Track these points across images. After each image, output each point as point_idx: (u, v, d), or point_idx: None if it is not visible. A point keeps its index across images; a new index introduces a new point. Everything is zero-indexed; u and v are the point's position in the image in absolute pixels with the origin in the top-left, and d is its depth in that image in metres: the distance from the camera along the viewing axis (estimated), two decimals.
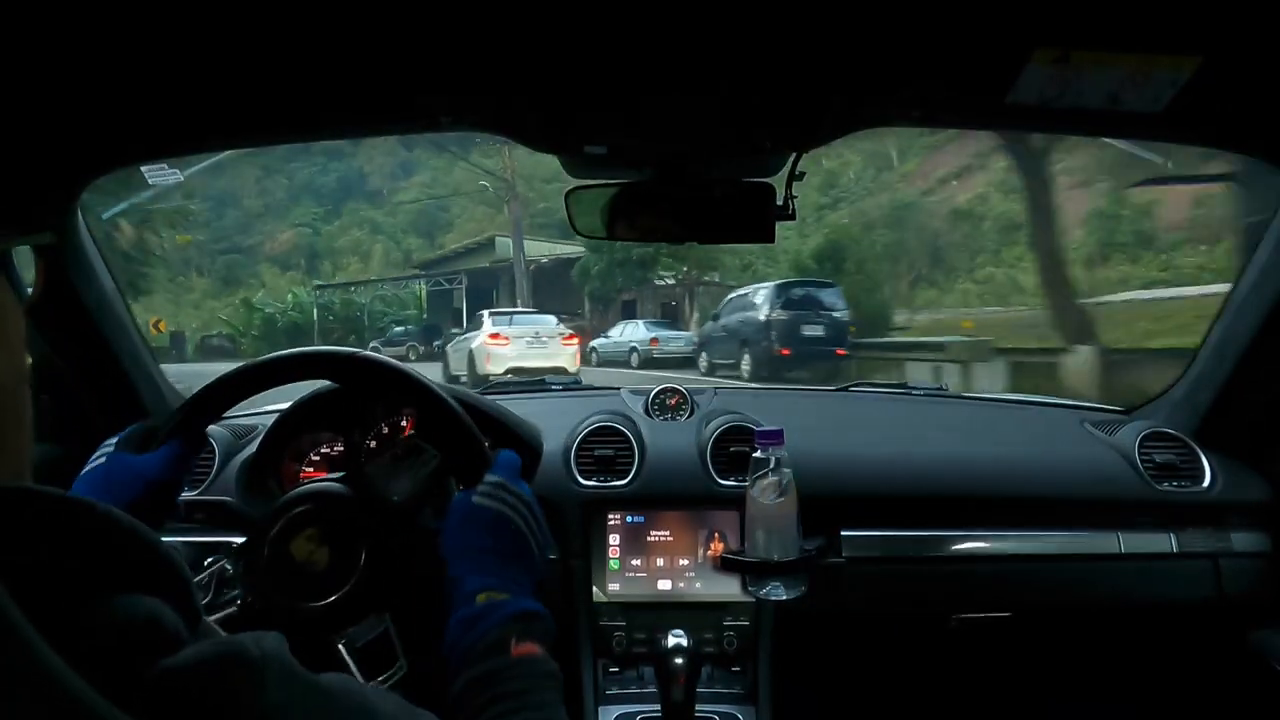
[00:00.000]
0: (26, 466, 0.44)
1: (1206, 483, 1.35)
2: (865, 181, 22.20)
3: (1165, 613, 1.37)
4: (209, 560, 0.87)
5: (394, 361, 0.93)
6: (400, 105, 0.95)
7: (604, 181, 1.09)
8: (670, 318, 17.47)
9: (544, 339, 10.76)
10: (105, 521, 0.38)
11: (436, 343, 17.93)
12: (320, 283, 28.14)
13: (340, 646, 0.81)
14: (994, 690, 1.54)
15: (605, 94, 0.90)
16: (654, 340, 14.20)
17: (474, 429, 0.87)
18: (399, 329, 22.16)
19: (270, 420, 1.31)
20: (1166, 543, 1.32)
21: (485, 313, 12.29)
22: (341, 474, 0.89)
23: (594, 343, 15.33)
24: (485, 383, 1.85)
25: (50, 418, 1.23)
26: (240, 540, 0.88)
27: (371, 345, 18.35)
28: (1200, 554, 1.32)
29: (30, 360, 0.45)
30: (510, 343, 10.56)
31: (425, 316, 23.81)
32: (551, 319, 11.95)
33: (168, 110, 0.92)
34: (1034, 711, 1.57)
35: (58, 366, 1.19)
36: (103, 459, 0.84)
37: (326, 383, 1.27)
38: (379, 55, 0.81)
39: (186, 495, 1.24)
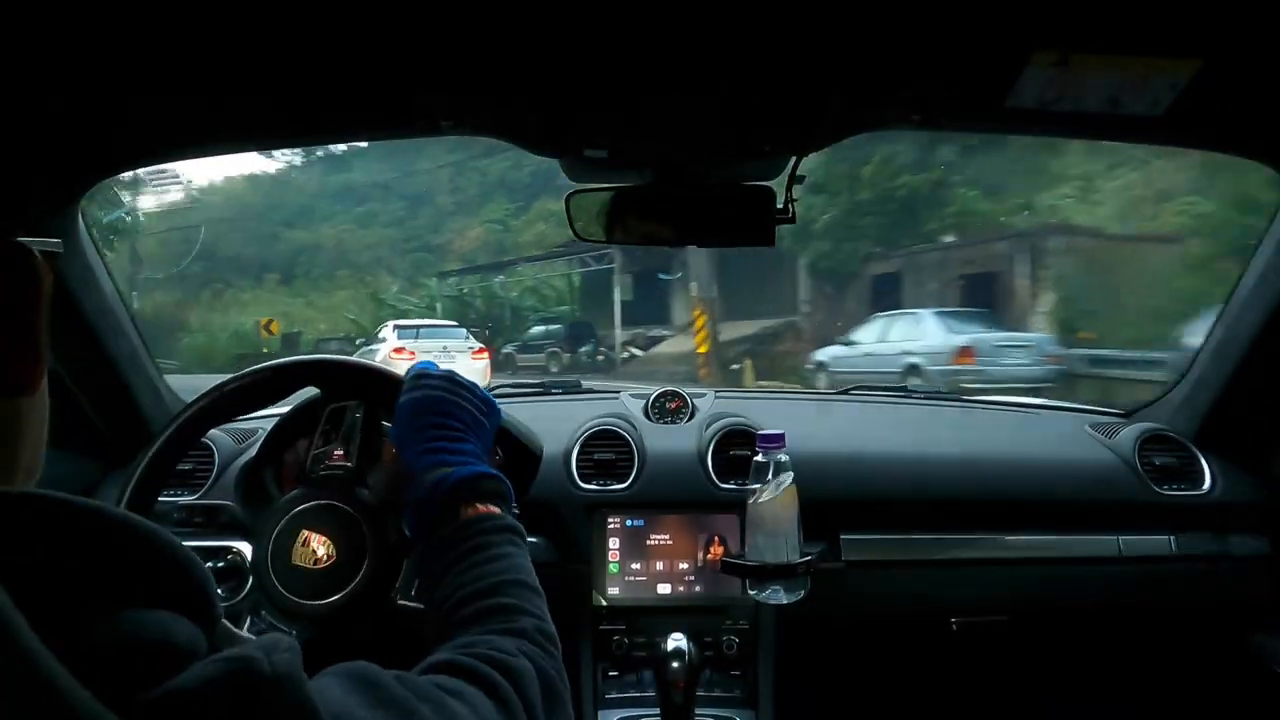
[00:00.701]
0: (34, 472, 0.44)
1: (1206, 485, 1.35)
2: None
3: (1165, 615, 1.37)
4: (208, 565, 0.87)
5: (300, 356, 0.93)
6: (401, 108, 0.95)
7: (604, 185, 1.09)
8: (982, 304, 10.07)
9: (452, 353, 10.73)
10: (119, 528, 0.37)
11: (586, 348, 14.51)
12: (445, 270, 23.51)
13: (399, 601, 0.82)
14: (994, 693, 1.54)
15: (605, 97, 0.90)
16: (965, 352, 8.05)
17: (376, 365, 0.89)
18: (539, 329, 16.95)
19: (269, 424, 1.31)
20: (1166, 545, 1.33)
21: (390, 324, 12.33)
22: (345, 477, 0.89)
23: (822, 354, 10.19)
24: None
25: (50, 423, 1.23)
26: (244, 551, 0.88)
27: (505, 351, 15.47)
28: (1200, 556, 1.32)
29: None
30: (415, 356, 9.71)
31: (577, 312, 18.56)
32: (461, 332, 11.98)
33: (167, 113, 0.92)
34: (1034, 714, 1.57)
35: (57, 371, 1.19)
36: None
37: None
38: (380, 58, 0.81)
39: (186, 499, 1.24)
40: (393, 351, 10.93)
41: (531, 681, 0.55)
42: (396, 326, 12.14)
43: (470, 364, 10.51)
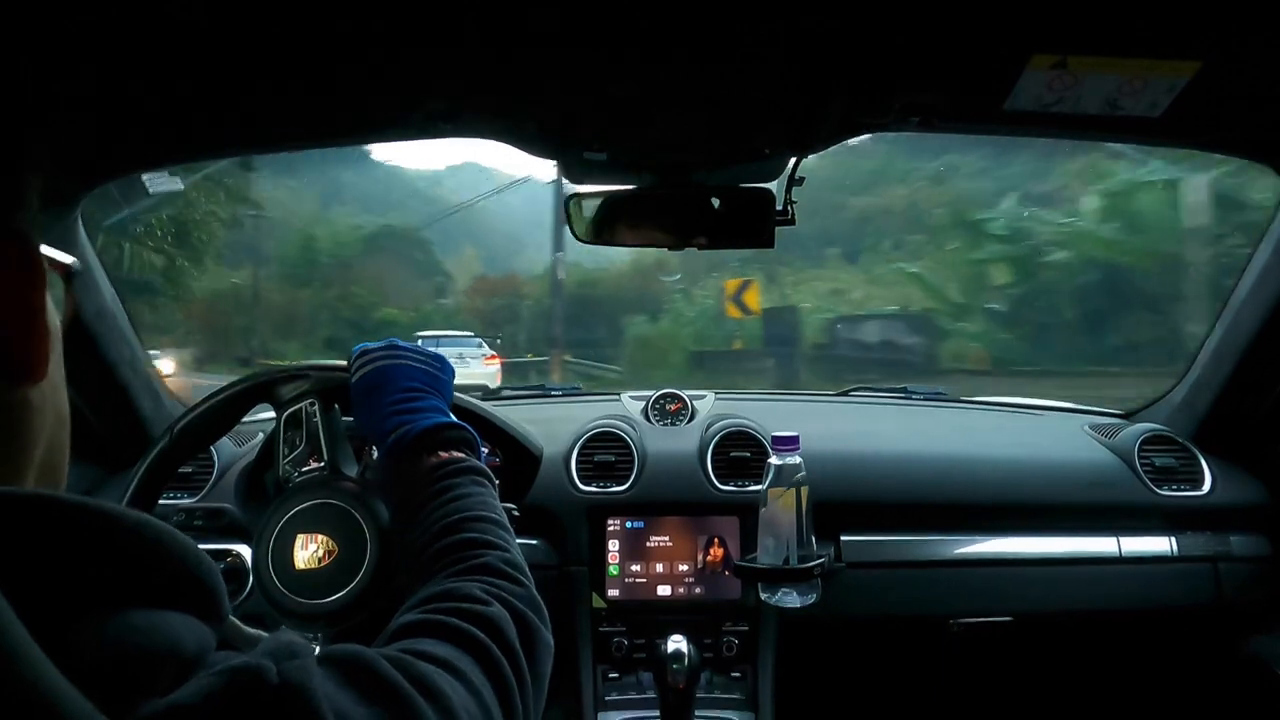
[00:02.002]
0: (56, 473, 0.43)
1: (1206, 486, 1.36)
2: None
3: (1165, 616, 1.37)
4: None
5: (241, 379, 0.93)
6: (401, 111, 0.95)
7: (604, 188, 1.09)
8: None
9: (466, 359, 11.43)
10: (130, 530, 0.36)
11: None
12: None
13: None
14: (995, 695, 1.54)
15: (605, 100, 0.90)
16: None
17: (319, 363, 0.89)
18: None
19: (270, 426, 1.31)
20: (1166, 546, 1.33)
21: (420, 335, 13.12)
22: (345, 479, 0.89)
23: None
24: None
25: None
26: (244, 554, 0.87)
27: None
28: (1200, 558, 1.33)
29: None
30: None
31: None
32: (476, 340, 13.15)
33: (167, 118, 0.92)
34: (1034, 715, 1.56)
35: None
36: None
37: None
38: (380, 62, 0.81)
39: (186, 502, 1.24)
40: None
41: (507, 626, 0.54)
42: (420, 336, 12.31)
43: (483, 369, 11.54)
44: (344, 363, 0.86)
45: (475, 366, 11.30)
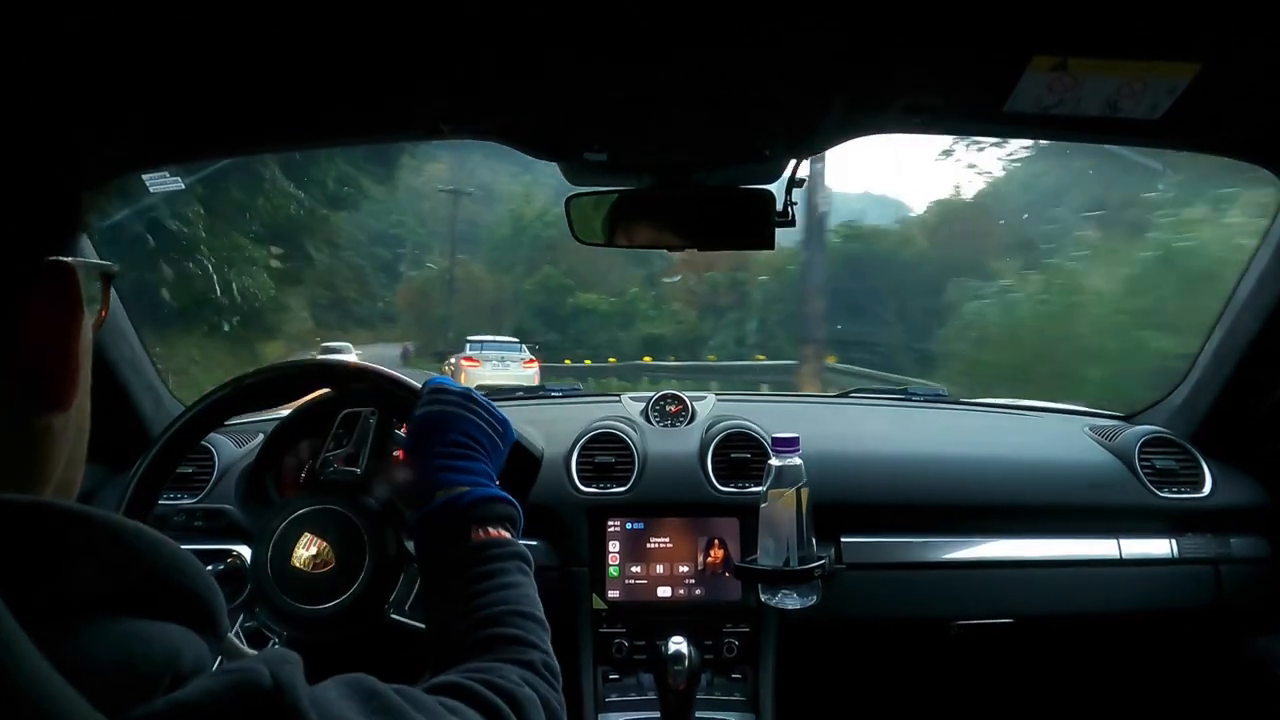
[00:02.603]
0: (71, 486, 0.44)
1: (1206, 489, 1.36)
2: None
3: (1165, 618, 1.37)
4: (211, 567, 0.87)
5: (313, 358, 0.94)
6: (401, 112, 0.96)
7: (604, 189, 1.09)
8: None
9: (508, 362, 12.99)
10: (131, 539, 0.36)
11: None
12: None
13: (392, 615, 0.82)
14: (996, 697, 1.54)
15: (605, 101, 0.90)
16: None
17: (393, 374, 0.88)
18: None
19: (270, 427, 1.31)
20: (1167, 548, 1.33)
21: (467, 339, 14.87)
22: (348, 482, 0.89)
23: None
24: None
25: None
26: (244, 555, 0.87)
27: None
28: (1200, 560, 1.32)
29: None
30: (481, 364, 12.69)
31: None
32: (518, 345, 14.34)
33: (167, 119, 0.92)
34: (1036, 718, 1.56)
35: None
36: None
37: (327, 390, 1.27)
38: (380, 62, 0.81)
39: (186, 503, 1.24)
40: (464, 359, 12.99)
41: (536, 710, 0.55)
42: (469, 341, 14.54)
43: (520, 371, 12.72)
44: (416, 384, 0.85)
45: (515, 369, 12.69)
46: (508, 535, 0.69)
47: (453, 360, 13.34)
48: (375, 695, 0.43)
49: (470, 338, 14.86)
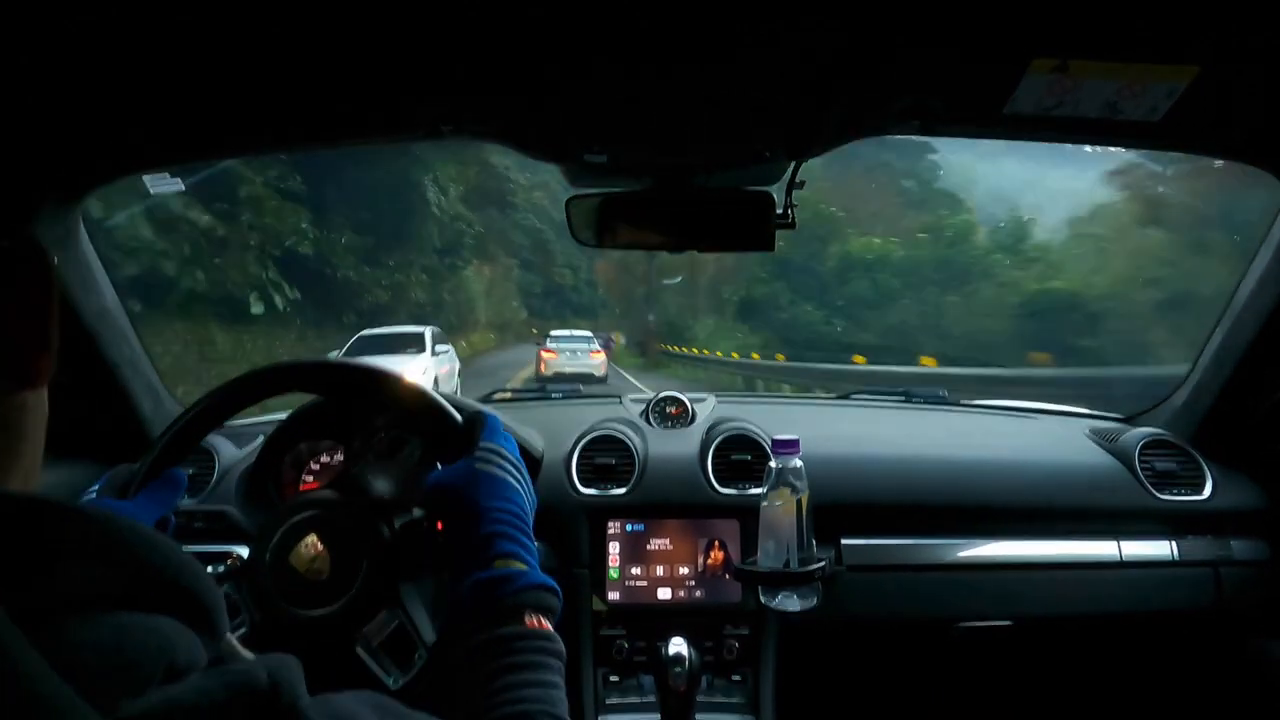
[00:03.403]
0: (32, 475, 0.44)
1: (1207, 491, 1.35)
2: None
3: (1166, 620, 1.37)
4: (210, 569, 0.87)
5: (360, 362, 0.93)
6: (402, 113, 0.96)
7: (604, 190, 1.09)
8: None
9: (579, 353, 15.10)
10: (125, 535, 0.37)
11: None
12: None
13: (358, 649, 0.81)
14: (996, 699, 1.53)
15: (605, 102, 0.90)
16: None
17: (444, 404, 0.87)
18: None
19: (270, 429, 1.31)
20: (1167, 550, 1.32)
21: (550, 333, 17.28)
22: (336, 482, 0.89)
23: None
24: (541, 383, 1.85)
25: (49, 428, 1.23)
26: (243, 555, 0.87)
27: None
28: (1200, 562, 1.32)
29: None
30: (557, 355, 14.99)
31: None
32: (589, 337, 16.47)
33: (167, 120, 0.92)
34: None
35: (56, 376, 1.19)
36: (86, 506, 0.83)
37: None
38: (380, 64, 0.81)
39: (185, 504, 1.24)
40: (544, 350, 15.27)
41: None
42: (550, 335, 16.79)
43: (589, 360, 14.95)
44: (457, 415, 0.86)
45: (584, 359, 14.94)
46: (550, 629, 0.68)
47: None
48: (385, 707, 0.43)
49: (553, 332, 17.32)
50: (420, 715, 0.46)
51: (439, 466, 0.86)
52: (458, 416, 0.86)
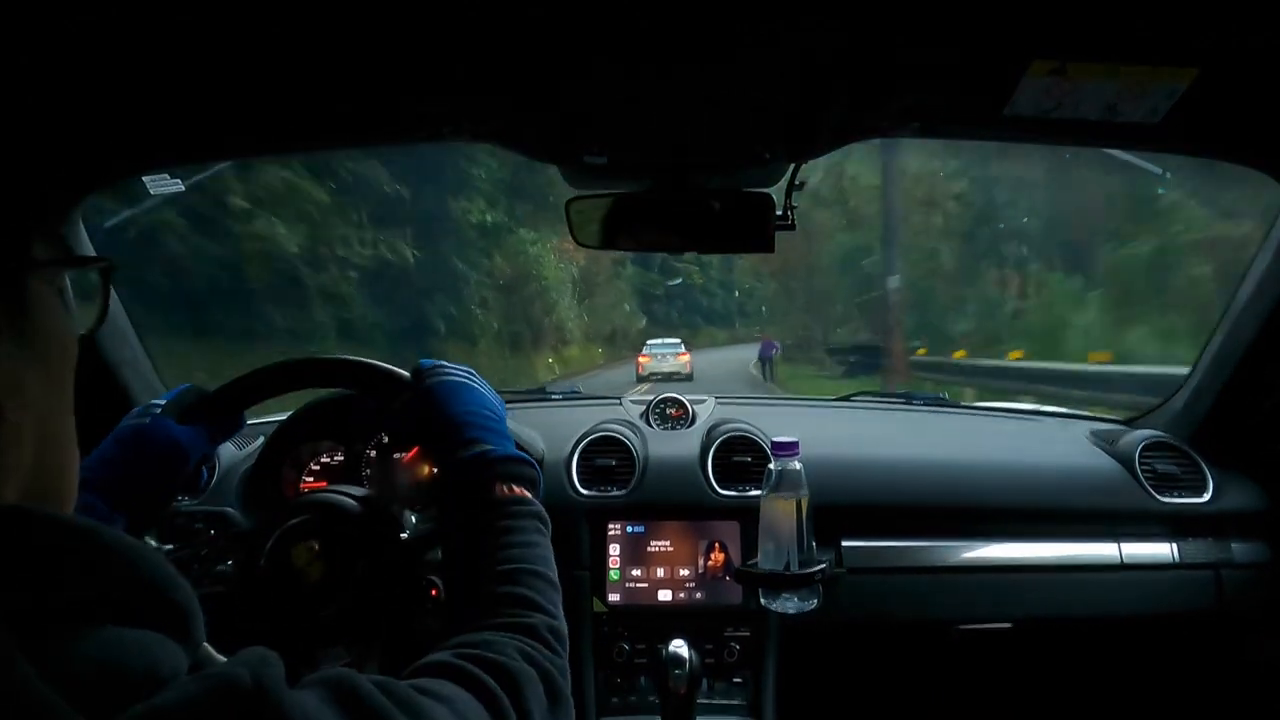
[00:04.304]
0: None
1: (1207, 493, 1.35)
2: None
3: (1167, 622, 1.37)
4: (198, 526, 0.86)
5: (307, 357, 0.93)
6: (400, 115, 0.96)
7: (604, 191, 1.10)
8: None
9: (667, 356, 17.79)
10: (107, 548, 0.37)
11: None
12: None
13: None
14: (997, 701, 1.53)
15: (604, 104, 0.90)
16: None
17: (373, 362, 0.88)
18: None
19: (271, 429, 1.31)
20: (1167, 553, 1.32)
21: (650, 342, 19.66)
22: (351, 488, 0.87)
23: None
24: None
25: None
26: (240, 555, 0.86)
27: None
28: (1201, 564, 1.32)
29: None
30: (651, 359, 17.78)
31: None
32: (678, 345, 18.76)
33: (167, 121, 0.92)
34: None
35: None
36: (146, 419, 0.82)
37: (325, 393, 1.27)
38: (379, 63, 0.81)
39: (186, 505, 1.24)
40: (641, 356, 18.04)
41: (533, 685, 0.55)
42: (650, 344, 19.17)
43: (675, 362, 17.57)
44: (402, 372, 0.86)
45: (671, 360, 17.55)
46: (528, 495, 0.71)
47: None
48: (355, 695, 0.42)
49: (649, 341, 19.76)
50: (393, 685, 0.45)
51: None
52: (398, 371, 0.87)
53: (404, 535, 0.83)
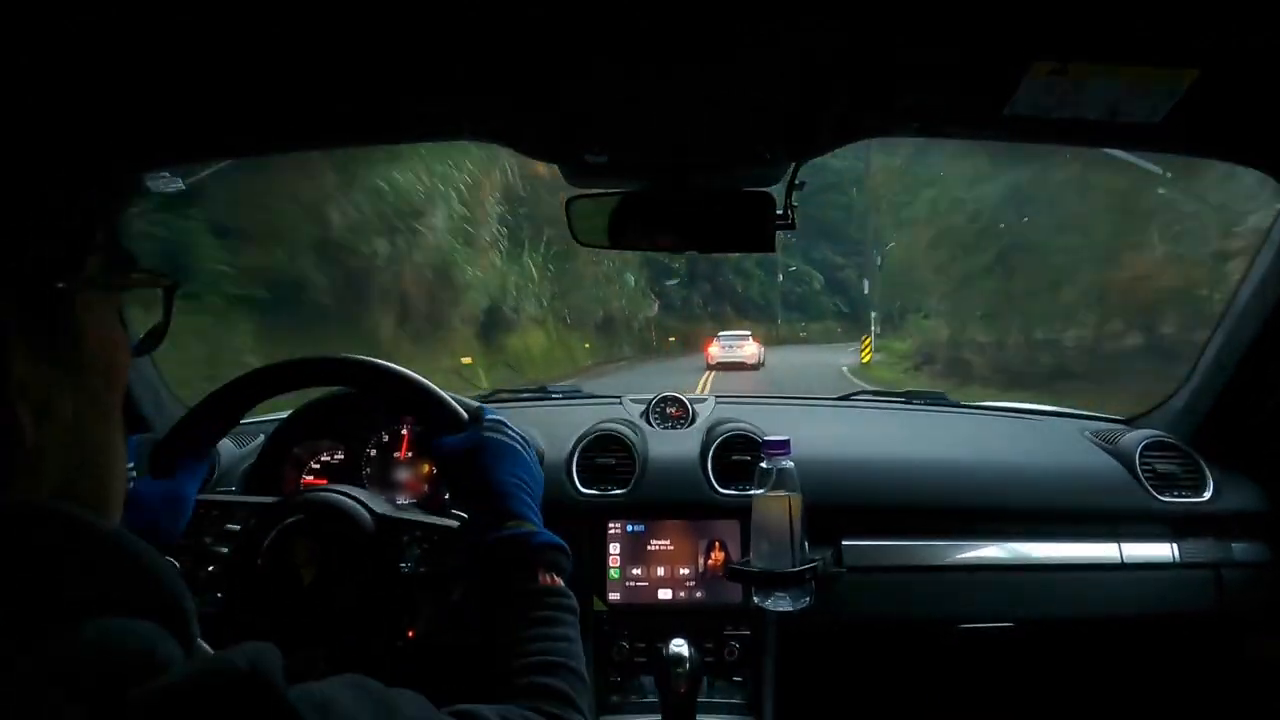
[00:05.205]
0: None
1: (1208, 493, 1.35)
2: None
3: (1167, 622, 1.37)
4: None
5: (379, 361, 0.93)
6: (400, 115, 0.96)
7: (604, 190, 1.10)
8: None
9: (735, 347, 18.37)
10: (111, 543, 0.38)
11: None
12: None
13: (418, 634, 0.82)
14: (998, 701, 1.53)
15: (605, 103, 0.90)
16: None
17: (442, 395, 0.89)
18: None
19: (271, 428, 1.31)
20: (1168, 552, 1.32)
21: (721, 333, 20.07)
22: (351, 488, 0.87)
23: None
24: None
25: None
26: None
27: None
28: (1201, 564, 1.32)
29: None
30: (722, 349, 18.37)
31: None
32: (746, 336, 19.25)
33: (167, 120, 0.92)
34: None
35: None
36: (129, 483, 0.82)
37: (326, 391, 1.27)
38: (379, 63, 0.81)
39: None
40: (707, 344, 19.00)
41: None
42: (721, 335, 19.58)
43: (739, 352, 18.09)
44: (459, 409, 0.87)
45: (738, 351, 18.22)
46: (564, 586, 0.73)
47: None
48: (368, 687, 0.44)
49: (721, 333, 20.03)
50: (401, 692, 0.46)
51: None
52: (460, 410, 0.87)
53: (404, 566, 0.82)
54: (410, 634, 0.81)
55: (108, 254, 0.44)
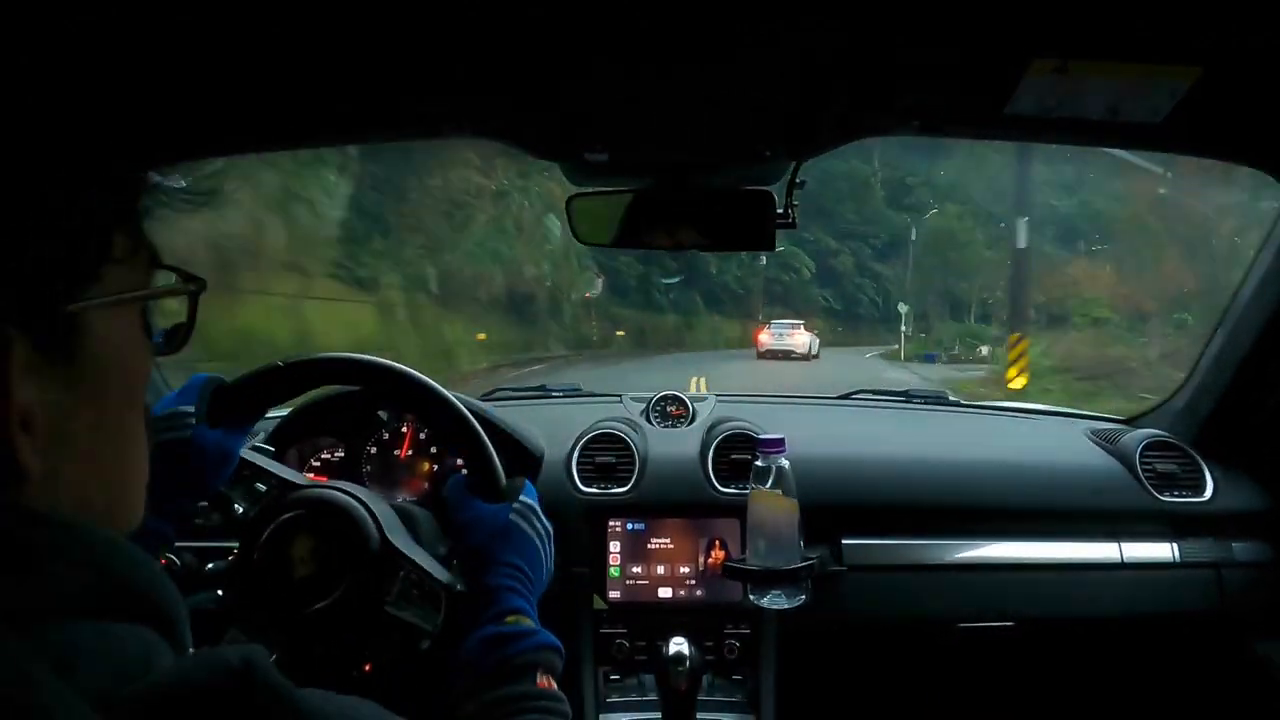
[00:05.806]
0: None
1: (1208, 493, 1.35)
2: None
3: (1167, 622, 1.37)
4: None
5: (418, 374, 0.93)
6: (401, 113, 0.96)
7: (605, 189, 1.10)
8: None
9: (785, 335, 18.37)
10: (103, 547, 0.38)
11: None
12: None
13: (388, 608, 0.80)
14: (998, 700, 1.53)
15: (606, 101, 0.91)
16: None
17: (488, 446, 0.89)
18: None
19: (272, 424, 1.32)
20: (1168, 552, 1.32)
21: (773, 320, 20.40)
22: (350, 485, 0.86)
23: None
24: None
25: None
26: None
27: None
28: (1202, 563, 1.32)
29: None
30: (772, 337, 18.42)
31: None
32: (791, 324, 19.38)
33: (165, 119, 0.92)
34: None
35: None
36: (186, 431, 0.80)
37: (327, 389, 1.27)
38: (379, 63, 0.81)
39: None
40: (757, 332, 19.28)
41: None
42: (772, 321, 19.95)
43: (788, 341, 18.22)
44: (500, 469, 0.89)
45: (786, 340, 18.20)
46: (558, 690, 0.73)
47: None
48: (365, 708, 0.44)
49: (773, 321, 20.11)
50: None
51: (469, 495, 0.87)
52: (503, 478, 0.89)
53: (387, 601, 0.80)
54: (367, 668, 0.80)
55: (129, 263, 0.42)
